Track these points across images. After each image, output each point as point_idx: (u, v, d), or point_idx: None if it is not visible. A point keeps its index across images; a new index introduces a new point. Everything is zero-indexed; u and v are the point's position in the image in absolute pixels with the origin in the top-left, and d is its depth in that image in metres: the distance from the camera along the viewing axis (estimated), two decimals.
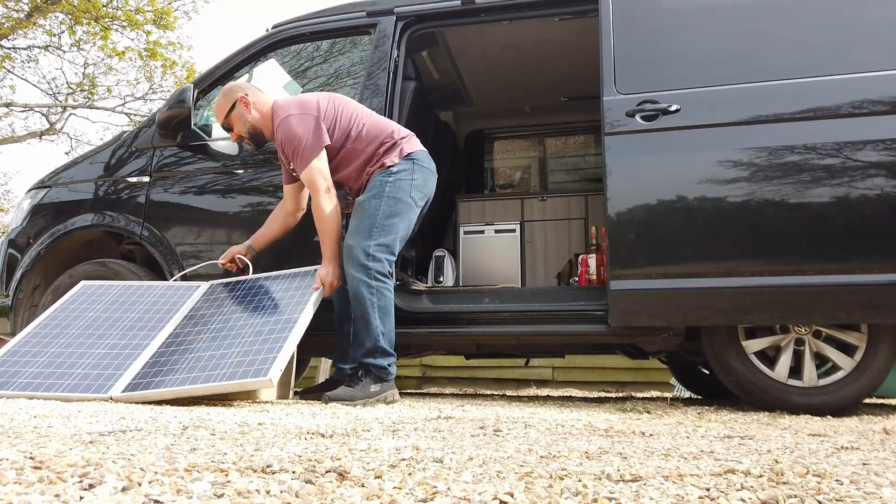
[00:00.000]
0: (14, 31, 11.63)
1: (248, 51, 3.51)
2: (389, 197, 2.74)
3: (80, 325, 2.82)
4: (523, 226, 5.00)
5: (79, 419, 1.84)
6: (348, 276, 2.67)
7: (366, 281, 2.62)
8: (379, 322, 2.62)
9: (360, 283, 2.62)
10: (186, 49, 16.99)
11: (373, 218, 2.71)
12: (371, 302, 2.61)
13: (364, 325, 2.62)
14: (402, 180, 2.78)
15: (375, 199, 2.74)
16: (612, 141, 2.81)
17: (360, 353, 2.64)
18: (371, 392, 2.58)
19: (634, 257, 2.76)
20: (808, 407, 2.66)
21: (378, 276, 2.64)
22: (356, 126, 2.83)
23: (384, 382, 2.64)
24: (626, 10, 2.97)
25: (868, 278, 2.53)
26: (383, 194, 2.75)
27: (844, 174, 2.59)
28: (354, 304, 2.64)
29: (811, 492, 1.06)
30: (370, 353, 2.63)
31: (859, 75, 2.66)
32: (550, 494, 1.01)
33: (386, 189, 2.76)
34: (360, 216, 2.74)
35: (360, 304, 2.62)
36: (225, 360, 2.44)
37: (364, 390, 2.58)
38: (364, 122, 2.86)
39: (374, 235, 2.68)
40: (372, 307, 2.61)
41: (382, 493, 0.99)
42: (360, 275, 2.63)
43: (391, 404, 2.62)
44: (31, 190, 3.74)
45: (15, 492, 0.92)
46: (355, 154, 2.84)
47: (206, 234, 3.35)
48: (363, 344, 2.63)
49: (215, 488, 0.99)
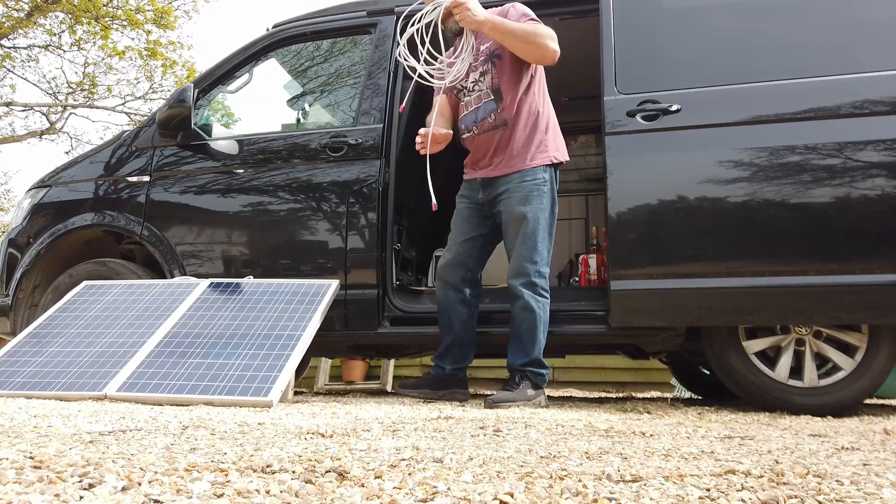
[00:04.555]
0: (14, 30, 11.63)
1: (249, 50, 3.51)
2: (548, 206, 2.71)
3: (80, 325, 2.82)
4: None
5: (79, 419, 1.84)
6: (517, 290, 2.66)
7: (535, 297, 2.66)
8: (542, 336, 2.70)
9: (531, 297, 2.66)
10: (187, 48, 17.06)
11: (540, 232, 2.69)
12: (539, 317, 2.67)
13: (531, 338, 2.67)
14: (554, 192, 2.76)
15: (542, 211, 2.69)
16: (613, 141, 2.81)
17: (522, 362, 2.69)
18: (528, 396, 2.65)
19: (635, 257, 2.76)
20: (808, 407, 2.66)
21: (543, 293, 2.69)
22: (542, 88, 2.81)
23: (539, 389, 2.72)
24: (626, 10, 2.97)
25: (869, 278, 2.52)
26: (545, 202, 2.70)
27: (845, 174, 2.59)
28: (524, 316, 2.66)
29: (812, 492, 1.06)
30: (533, 363, 2.69)
31: (860, 75, 2.66)
32: (550, 495, 1.01)
33: (545, 196, 2.70)
34: (525, 226, 2.67)
35: (531, 317, 2.66)
36: (224, 371, 2.44)
37: (523, 394, 2.64)
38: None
39: (540, 251, 2.69)
40: (539, 321, 2.67)
41: (382, 493, 0.99)
42: (529, 290, 2.66)
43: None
44: (32, 189, 3.74)
45: (15, 491, 0.92)
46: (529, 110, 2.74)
47: (206, 233, 3.35)
48: (528, 354, 2.68)
49: (215, 488, 0.98)
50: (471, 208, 2.87)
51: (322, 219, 3.20)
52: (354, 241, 3.13)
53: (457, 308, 2.80)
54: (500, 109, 2.73)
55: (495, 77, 2.73)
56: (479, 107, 2.78)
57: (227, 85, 3.61)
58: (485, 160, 2.80)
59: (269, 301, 2.87)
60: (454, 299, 2.81)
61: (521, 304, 2.66)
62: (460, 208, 2.91)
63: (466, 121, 2.83)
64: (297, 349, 2.55)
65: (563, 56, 2.69)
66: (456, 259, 2.82)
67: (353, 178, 3.16)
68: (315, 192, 3.22)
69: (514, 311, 2.69)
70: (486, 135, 2.77)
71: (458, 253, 2.82)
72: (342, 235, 3.15)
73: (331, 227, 3.18)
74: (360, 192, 3.14)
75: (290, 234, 3.23)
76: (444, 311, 2.83)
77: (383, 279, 3.10)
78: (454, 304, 2.80)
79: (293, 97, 4.00)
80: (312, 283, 2.97)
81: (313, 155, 3.26)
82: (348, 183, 3.16)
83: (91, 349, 2.65)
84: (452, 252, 2.84)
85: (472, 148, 2.84)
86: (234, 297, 2.93)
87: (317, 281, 2.99)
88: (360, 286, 3.09)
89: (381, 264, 3.10)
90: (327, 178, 3.21)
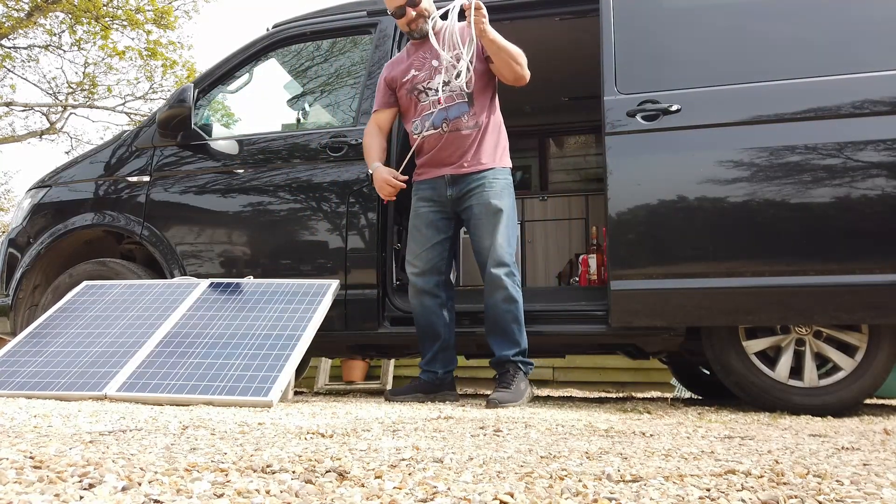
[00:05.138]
0: (14, 30, 11.63)
1: (249, 50, 3.51)
2: (514, 206, 2.85)
3: (80, 325, 2.82)
4: (524, 226, 5.00)
5: (79, 419, 1.84)
6: (500, 280, 2.70)
7: (515, 287, 2.72)
8: (524, 324, 2.75)
9: (512, 287, 2.70)
10: (187, 48, 17.04)
11: (512, 227, 2.79)
12: (520, 307, 2.72)
13: (518, 327, 2.73)
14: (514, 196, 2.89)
15: (511, 209, 2.80)
16: (613, 141, 2.81)
17: (512, 353, 2.73)
18: (523, 390, 2.69)
19: (635, 257, 2.76)
20: (808, 407, 2.66)
21: (519, 284, 2.76)
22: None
23: (527, 379, 2.76)
24: (626, 9, 2.97)
25: (869, 278, 2.52)
26: (513, 202, 2.83)
27: (845, 174, 2.59)
28: (507, 306, 2.70)
29: (812, 492, 1.06)
30: (522, 353, 2.75)
31: (860, 75, 2.66)
32: (550, 495, 1.01)
33: (512, 196, 2.84)
34: (502, 219, 2.75)
35: (515, 307, 2.71)
36: (224, 371, 2.45)
37: (519, 390, 2.67)
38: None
39: (512, 242, 2.78)
40: (521, 311, 2.73)
41: (382, 493, 0.99)
42: (510, 280, 2.71)
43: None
44: (32, 189, 3.74)
45: (15, 491, 0.92)
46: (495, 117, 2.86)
47: (206, 233, 3.35)
48: (518, 343, 2.73)
49: (215, 488, 0.98)
50: (434, 211, 2.86)
51: (322, 219, 3.20)
52: (354, 241, 3.13)
53: (438, 313, 2.83)
54: (471, 112, 2.78)
55: (469, 82, 2.75)
56: (451, 106, 2.77)
57: (227, 85, 3.61)
58: (454, 157, 2.80)
59: (269, 301, 2.87)
60: (434, 305, 2.83)
61: (505, 294, 2.68)
62: (421, 212, 2.87)
63: (433, 119, 2.79)
64: (297, 349, 2.55)
65: (563, 56, 2.70)
66: (427, 266, 2.83)
67: (354, 178, 3.16)
68: (315, 192, 3.22)
69: (494, 302, 2.71)
70: (458, 133, 2.77)
71: (428, 259, 2.83)
72: (342, 235, 3.15)
73: (331, 227, 3.18)
74: (361, 192, 3.14)
75: (291, 234, 3.23)
76: (425, 319, 2.84)
77: (383, 279, 3.10)
78: (435, 311, 2.83)
79: (293, 97, 4.00)
80: (312, 283, 2.97)
81: (313, 155, 3.26)
82: (348, 183, 3.16)
83: (91, 349, 2.65)
84: (423, 260, 2.84)
85: (437, 145, 2.80)
86: (234, 298, 2.93)
87: (317, 281, 2.99)
88: (360, 286, 3.09)
89: (381, 264, 3.10)
90: (327, 178, 3.21)
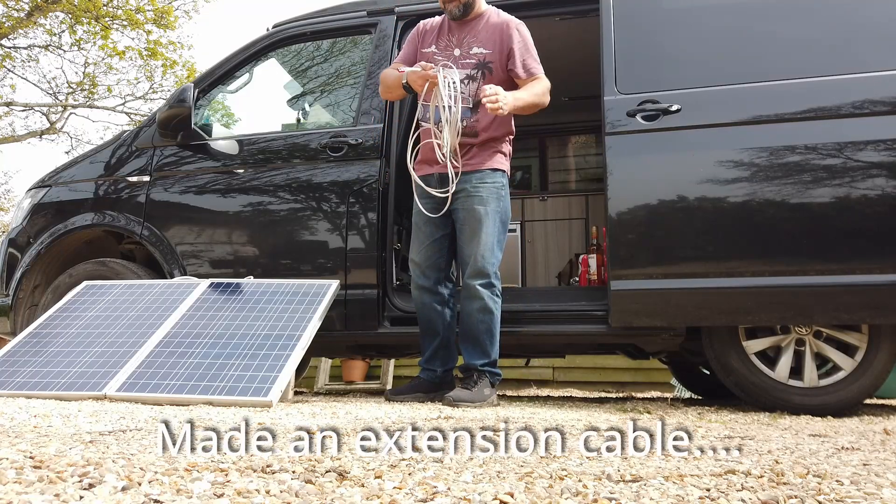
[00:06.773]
0: (14, 30, 11.62)
1: (249, 50, 3.50)
2: (505, 210, 2.78)
3: (80, 325, 2.82)
4: (524, 226, 5.00)
5: (79, 418, 1.84)
6: (476, 291, 2.68)
7: (493, 298, 2.70)
8: (498, 336, 2.75)
9: (489, 298, 2.70)
10: (187, 48, 17.00)
11: (498, 232, 2.74)
12: (496, 318, 2.72)
13: (489, 339, 2.73)
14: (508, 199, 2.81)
15: (498, 214, 2.73)
16: (613, 141, 2.81)
17: (481, 362, 2.73)
18: (485, 395, 2.68)
19: (635, 257, 2.76)
20: (808, 407, 2.65)
21: (498, 294, 2.74)
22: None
23: (493, 388, 2.76)
24: (626, 9, 2.97)
25: (869, 278, 2.52)
26: (502, 206, 2.76)
27: (845, 174, 2.59)
28: (481, 317, 2.70)
29: (812, 492, 1.06)
30: (492, 363, 2.75)
31: (860, 75, 2.66)
32: (550, 494, 1.01)
33: (503, 200, 2.77)
34: (484, 226, 2.69)
35: (489, 319, 2.71)
36: (224, 371, 2.45)
37: (480, 394, 2.67)
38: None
39: (496, 250, 2.73)
40: (496, 323, 2.73)
41: (382, 493, 0.99)
42: (488, 291, 2.70)
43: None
44: (32, 189, 3.74)
45: (15, 491, 0.92)
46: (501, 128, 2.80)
47: (206, 233, 3.35)
48: (488, 355, 2.73)
49: (215, 488, 0.98)
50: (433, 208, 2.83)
51: (322, 219, 3.20)
52: (354, 241, 3.13)
53: (438, 310, 2.82)
54: (473, 119, 2.75)
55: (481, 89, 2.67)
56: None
57: (227, 85, 3.61)
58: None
59: (269, 301, 2.87)
60: (434, 302, 2.82)
61: (481, 305, 2.68)
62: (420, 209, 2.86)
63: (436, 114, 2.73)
64: (297, 349, 2.55)
65: (563, 56, 2.70)
66: (427, 262, 2.82)
67: (354, 178, 3.16)
68: (315, 192, 3.22)
69: (470, 311, 2.71)
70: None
71: (428, 256, 2.83)
72: (342, 235, 3.15)
73: (331, 227, 3.18)
74: (361, 192, 3.14)
75: (291, 234, 3.23)
76: (425, 315, 2.84)
77: (383, 279, 3.10)
78: (435, 308, 2.82)
79: (293, 97, 4.00)
80: (312, 283, 2.97)
81: (313, 155, 3.26)
82: (348, 183, 3.16)
83: (91, 349, 2.65)
84: (422, 256, 2.83)
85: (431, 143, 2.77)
86: (234, 298, 2.93)
87: (317, 281, 2.99)
88: (360, 286, 3.09)
89: (381, 264, 3.10)
90: (327, 178, 3.21)
